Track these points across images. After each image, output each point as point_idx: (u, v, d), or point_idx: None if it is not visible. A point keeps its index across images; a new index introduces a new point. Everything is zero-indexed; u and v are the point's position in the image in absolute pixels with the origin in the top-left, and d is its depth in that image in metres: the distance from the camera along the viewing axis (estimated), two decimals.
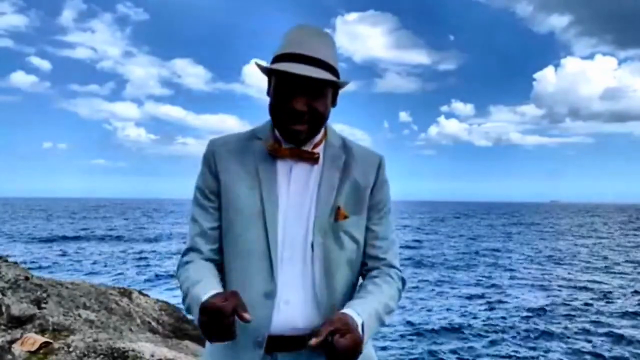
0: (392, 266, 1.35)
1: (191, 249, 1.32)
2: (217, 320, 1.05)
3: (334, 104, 1.31)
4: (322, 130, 1.33)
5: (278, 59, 1.23)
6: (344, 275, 1.28)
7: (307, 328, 1.25)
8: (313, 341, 1.07)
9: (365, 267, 1.35)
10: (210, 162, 1.32)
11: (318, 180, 1.29)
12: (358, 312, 1.17)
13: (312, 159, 1.29)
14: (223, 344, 1.25)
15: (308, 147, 1.30)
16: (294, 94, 1.20)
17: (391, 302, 1.30)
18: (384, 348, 9.28)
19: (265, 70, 1.28)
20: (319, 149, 1.32)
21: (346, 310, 1.18)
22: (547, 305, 13.55)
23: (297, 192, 1.28)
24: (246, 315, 1.05)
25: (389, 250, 1.36)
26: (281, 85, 1.22)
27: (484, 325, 11.31)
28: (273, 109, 1.25)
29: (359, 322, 1.15)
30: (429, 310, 12.74)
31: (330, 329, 1.08)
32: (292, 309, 1.24)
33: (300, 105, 1.20)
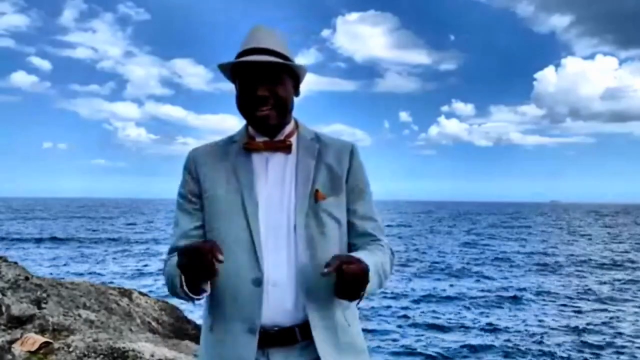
0: (380, 240, 1.41)
1: (174, 249, 1.37)
2: (196, 259, 1.13)
3: (296, 93, 1.41)
4: (293, 123, 1.42)
5: (235, 59, 1.34)
6: (328, 254, 1.31)
7: (294, 310, 1.30)
8: (326, 270, 1.15)
9: (354, 246, 1.40)
10: (191, 168, 1.41)
11: (294, 168, 1.36)
12: (361, 256, 1.24)
13: (285, 147, 1.37)
14: (218, 334, 1.32)
15: (280, 138, 1.38)
16: (256, 85, 1.31)
17: (386, 266, 1.37)
18: (378, 347, 9.28)
19: (229, 75, 1.38)
20: (292, 140, 1.39)
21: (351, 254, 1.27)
22: (554, 307, 13.52)
23: (275, 181, 1.35)
24: (220, 256, 1.11)
25: (376, 227, 1.42)
26: (244, 81, 1.33)
27: (489, 328, 11.30)
28: (241, 103, 1.36)
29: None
30: (429, 311, 12.74)
31: (339, 261, 1.16)
32: (280, 290, 1.29)
33: (262, 91, 1.30)
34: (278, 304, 1.29)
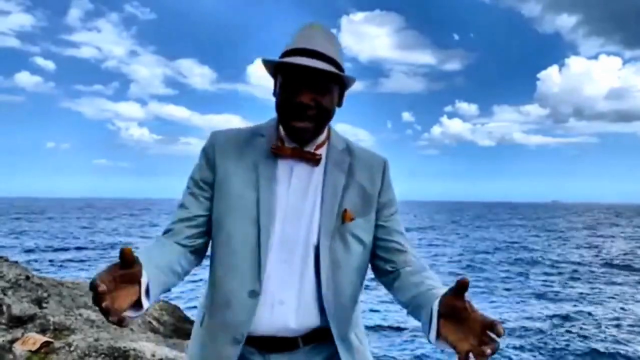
0: (415, 256, 1.33)
1: (169, 231, 1.28)
2: (95, 299, 0.88)
3: (339, 104, 1.29)
4: (326, 132, 1.32)
5: (285, 55, 1.23)
6: (350, 276, 1.28)
7: (299, 329, 1.25)
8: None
9: (389, 262, 1.32)
10: (209, 154, 1.30)
11: (321, 183, 1.27)
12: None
13: (313, 159, 1.27)
14: (205, 332, 1.30)
15: (310, 148, 1.28)
16: (300, 88, 1.19)
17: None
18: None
19: (271, 68, 1.28)
20: (322, 151, 1.30)
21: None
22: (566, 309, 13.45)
23: (297, 192, 1.26)
24: (101, 287, 0.86)
25: (407, 242, 1.34)
26: (288, 81, 1.21)
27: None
28: (280, 104, 1.24)
29: None
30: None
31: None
32: (286, 309, 1.23)
33: (307, 99, 1.19)
34: (281, 321, 1.23)
